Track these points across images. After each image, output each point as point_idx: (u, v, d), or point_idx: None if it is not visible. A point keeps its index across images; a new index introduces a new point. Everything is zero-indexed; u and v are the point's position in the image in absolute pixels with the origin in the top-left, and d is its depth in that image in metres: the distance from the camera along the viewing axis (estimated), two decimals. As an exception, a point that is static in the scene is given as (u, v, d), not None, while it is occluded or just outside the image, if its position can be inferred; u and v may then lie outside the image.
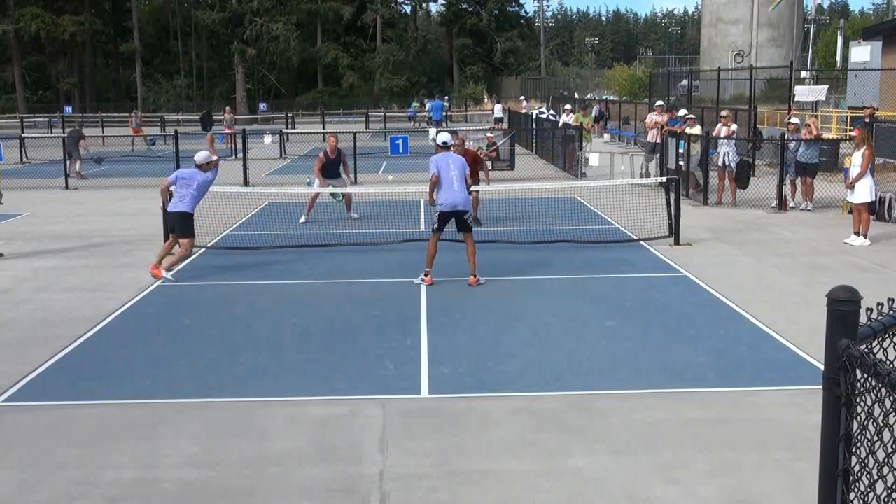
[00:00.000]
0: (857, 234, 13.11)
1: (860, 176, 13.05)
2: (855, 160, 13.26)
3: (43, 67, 71.82)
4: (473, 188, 14.35)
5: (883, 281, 10.61)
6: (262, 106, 64.21)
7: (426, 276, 10.72)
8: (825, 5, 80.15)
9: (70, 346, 8.41)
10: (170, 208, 11.49)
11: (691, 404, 6.66)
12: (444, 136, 11.56)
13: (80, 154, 25.94)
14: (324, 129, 41.68)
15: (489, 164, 18.05)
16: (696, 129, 18.31)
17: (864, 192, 13.07)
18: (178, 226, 11.39)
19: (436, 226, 10.78)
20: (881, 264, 11.68)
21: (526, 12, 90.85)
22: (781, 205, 16.57)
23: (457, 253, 12.61)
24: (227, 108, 39.91)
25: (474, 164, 14.62)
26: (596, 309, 9.55)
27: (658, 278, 11.11)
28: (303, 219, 15.71)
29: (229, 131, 33.52)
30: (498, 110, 43.62)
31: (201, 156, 11.70)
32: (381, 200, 17.47)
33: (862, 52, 26.65)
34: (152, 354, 8.11)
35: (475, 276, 10.72)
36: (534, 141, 31.17)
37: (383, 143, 29.43)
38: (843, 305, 2.51)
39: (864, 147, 13.18)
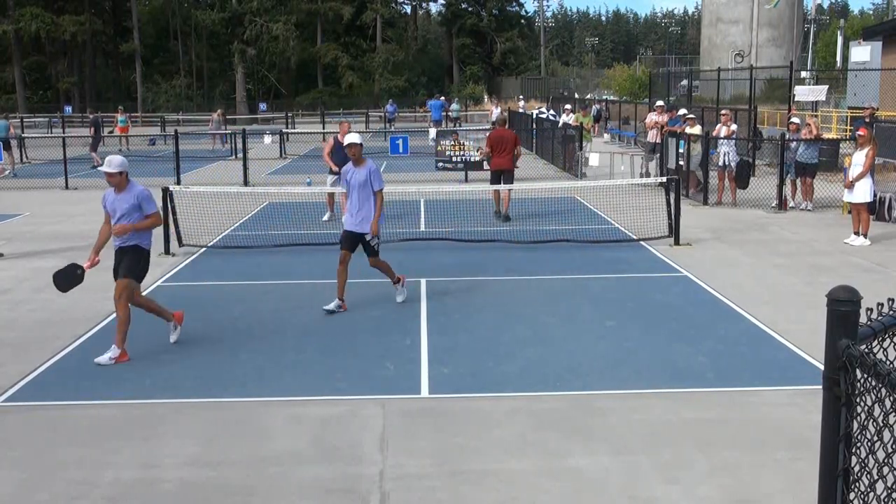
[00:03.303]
0: (856, 234, 13.11)
1: (861, 175, 13.03)
2: (857, 160, 13.24)
3: (43, 67, 71.79)
4: (505, 188, 15.64)
5: (883, 281, 10.61)
6: (262, 106, 64.21)
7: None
8: (825, 5, 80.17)
9: (70, 346, 8.42)
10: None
11: (691, 404, 6.66)
12: (353, 137, 9.72)
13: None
14: (324, 129, 41.69)
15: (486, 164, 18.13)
16: (697, 129, 18.30)
17: (863, 192, 13.07)
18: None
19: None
20: (881, 264, 11.68)
21: (526, 12, 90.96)
22: (781, 205, 16.57)
23: (455, 253, 12.62)
24: (220, 110, 40.25)
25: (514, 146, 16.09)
26: (596, 309, 9.55)
27: (658, 278, 11.10)
28: (326, 216, 15.50)
29: (215, 131, 33.65)
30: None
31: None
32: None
33: (862, 52, 26.66)
34: (152, 354, 8.11)
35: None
36: (534, 141, 31.17)
37: (383, 143, 29.43)
38: (843, 305, 2.51)
39: (868, 147, 13.16)
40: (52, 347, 8.31)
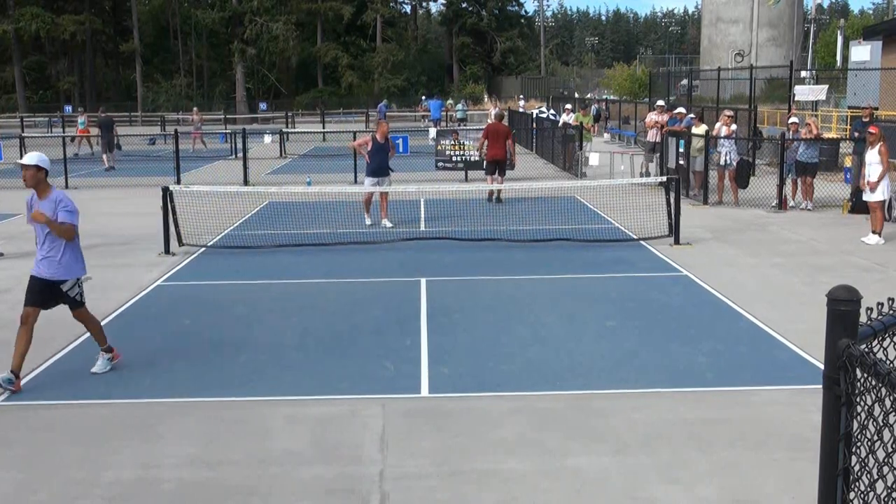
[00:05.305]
0: (874, 232, 13.08)
1: (882, 175, 13.03)
2: (870, 158, 13.23)
3: (43, 67, 71.78)
4: (498, 187, 16.92)
5: (883, 281, 10.61)
6: (263, 105, 64.23)
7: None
8: (825, 5, 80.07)
9: (69, 346, 8.41)
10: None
11: (691, 404, 6.66)
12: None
13: (116, 143, 27.66)
14: (324, 128, 41.72)
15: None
16: (702, 129, 18.24)
17: (878, 190, 13.07)
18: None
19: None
20: (881, 264, 11.67)
21: (526, 12, 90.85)
22: (781, 204, 16.57)
23: (455, 253, 12.62)
24: (195, 109, 40.05)
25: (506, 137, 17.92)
26: (596, 309, 9.55)
27: (658, 278, 11.10)
28: (369, 221, 15.19)
29: (195, 132, 33.56)
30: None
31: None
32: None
33: (862, 52, 26.63)
34: (152, 354, 8.11)
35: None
36: (534, 140, 31.16)
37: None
38: (843, 305, 2.51)
39: (879, 144, 13.14)
40: (51, 347, 8.31)
